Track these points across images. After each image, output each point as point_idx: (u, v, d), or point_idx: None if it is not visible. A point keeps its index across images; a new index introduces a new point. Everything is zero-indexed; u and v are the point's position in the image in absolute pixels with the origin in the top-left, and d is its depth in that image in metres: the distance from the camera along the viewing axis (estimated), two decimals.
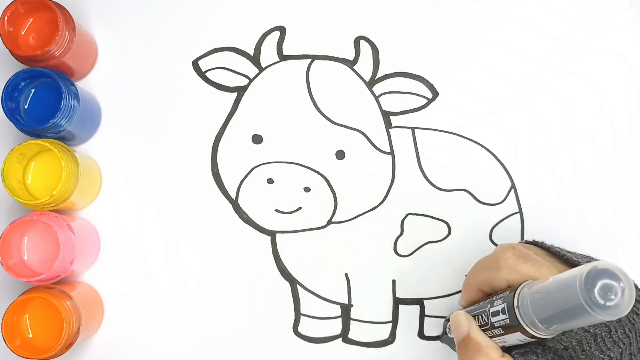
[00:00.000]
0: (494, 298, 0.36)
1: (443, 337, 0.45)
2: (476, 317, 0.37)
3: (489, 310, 0.36)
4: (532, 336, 0.33)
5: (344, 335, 0.48)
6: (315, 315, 0.48)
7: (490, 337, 0.36)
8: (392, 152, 0.49)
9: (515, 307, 0.33)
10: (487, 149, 0.49)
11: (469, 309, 0.39)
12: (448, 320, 0.43)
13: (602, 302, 0.28)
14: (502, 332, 0.35)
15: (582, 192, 0.48)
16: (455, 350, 0.43)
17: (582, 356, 0.34)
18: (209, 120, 0.49)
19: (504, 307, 0.34)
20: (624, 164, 0.48)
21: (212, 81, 0.49)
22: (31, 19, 0.46)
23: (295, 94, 0.49)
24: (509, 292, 0.35)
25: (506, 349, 0.36)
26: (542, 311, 0.32)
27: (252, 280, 0.48)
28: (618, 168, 0.48)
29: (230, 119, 0.49)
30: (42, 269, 0.44)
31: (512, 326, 0.34)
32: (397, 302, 0.48)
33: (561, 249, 0.37)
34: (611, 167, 0.48)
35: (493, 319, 0.35)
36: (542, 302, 0.32)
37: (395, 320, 0.48)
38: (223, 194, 0.49)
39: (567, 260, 0.36)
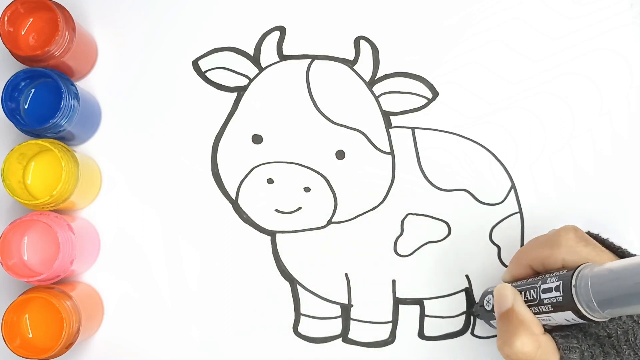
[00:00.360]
0: (547, 275, 0.36)
1: (477, 309, 0.44)
2: (522, 293, 0.37)
3: (539, 286, 0.36)
4: (582, 317, 0.33)
5: (344, 335, 0.48)
6: (315, 315, 0.48)
7: (535, 314, 0.36)
8: (392, 152, 0.49)
9: (572, 285, 0.33)
10: (487, 149, 0.49)
11: (515, 284, 0.39)
12: (487, 293, 0.43)
13: None
14: (551, 309, 0.35)
15: (582, 192, 0.48)
16: (489, 324, 0.43)
17: (624, 346, 0.34)
18: (209, 120, 0.49)
19: (559, 285, 0.34)
20: (624, 164, 0.48)
21: (212, 81, 0.49)
22: (31, 19, 0.46)
23: (295, 94, 0.49)
24: (566, 271, 0.34)
25: (547, 329, 0.36)
26: (602, 293, 0.32)
27: (252, 280, 0.48)
28: (618, 168, 0.48)
29: (230, 119, 0.49)
30: (42, 269, 0.44)
31: (564, 305, 0.34)
32: (397, 302, 0.48)
33: (615, 243, 0.37)
34: (611, 167, 0.48)
35: (543, 296, 0.35)
36: (604, 284, 0.32)
37: (395, 320, 0.48)
38: (223, 194, 0.49)
39: (623, 253, 0.36)
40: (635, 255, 0.36)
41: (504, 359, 0.36)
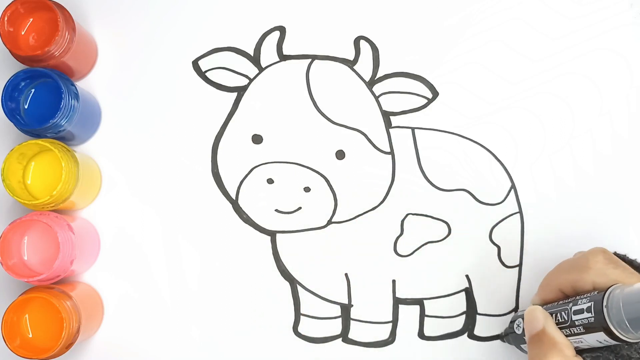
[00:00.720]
0: (578, 297, 0.36)
1: (508, 335, 0.45)
2: (553, 315, 0.37)
3: (570, 308, 0.36)
4: (615, 338, 0.33)
5: (344, 335, 0.48)
6: (315, 315, 0.48)
7: (566, 336, 0.36)
8: (392, 152, 0.49)
9: (604, 306, 0.33)
10: (487, 149, 0.49)
11: (545, 307, 0.39)
12: (518, 317, 0.43)
13: None
14: (583, 331, 0.35)
15: (582, 192, 0.48)
16: (519, 348, 0.43)
17: None
18: (209, 120, 0.49)
19: (591, 306, 0.34)
20: (624, 164, 0.48)
21: (212, 81, 0.49)
22: (31, 19, 0.46)
23: (295, 94, 0.49)
24: (597, 293, 0.35)
25: (578, 351, 0.36)
26: (634, 312, 0.32)
27: (252, 280, 0.48)
28: (618, 168, 0.48)
29: (230, 119, 0.49)
30: (42, 269, 0.44)
31: (596, 326, 0.34)
32: (397, 302, 0.48)
33: None
34: (611, 167, 0.48)
35: (574, 317, 0.35)
36: (636, 304, 0.32)
37: (395, 320, 0.48)
38: (223, 194, 0.49)
39: None
40: None
41: None
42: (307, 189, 0.48)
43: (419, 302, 0.48)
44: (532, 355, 0.37)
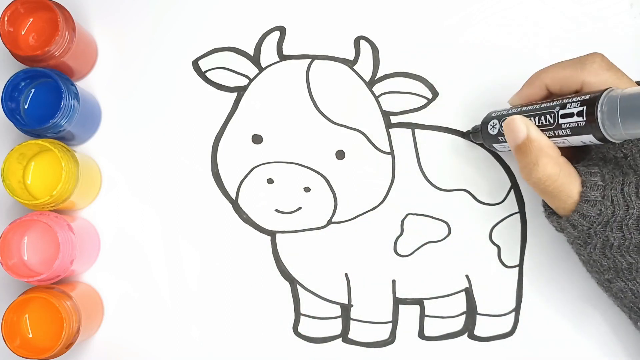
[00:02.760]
0: (566, 101, 0.36)
1: (477, 133, 0.45)
2: (535, 119, 0.38)
3: (557, 111, 0.36)
4: (602, 139, 0.34)
5: (344, 336, 0.48)
6: (315, 315, 0.48)
7: (549, 137, 0.37)
8: (392, 152, 0.49)
9: (598, 110, 0.33)
10: (487, 149, 0.49)
11: (523, 109, 0.39)
12: (492, 118, 0.43)
13: None
14: (569, 133, 0.35)
15: None
16: (492, 148, 0.44)
17: None
18: (209, 120, 0.49)
19: (582, 110, 0.34)
20: None
21: (212, 81, 0.49)
22: (31, 19, 0.46)
23: (295, 94, 0.49)
24: (589, 96, 0.35)
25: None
26: (630, 114, 0.32)
27: (252, 280, 0.48)
28: None
29: (230, 119, 0.49)
30: (42, 269, 0.44)
31: (585, 129, 0.34)
32: (397, 302, 0.48)
33: None
34: None
35: (562, 120, 0.36)
36: (633, 106, 0.32)
37: (395, 320, 0.48)
38: (223, 194, 0.49)
39: None
40: None
41: (531, 187, 0.37)
42: (307, 189, 0.48)
43: (419, 302, 0.48)
44: (523, 164, 0.37)
